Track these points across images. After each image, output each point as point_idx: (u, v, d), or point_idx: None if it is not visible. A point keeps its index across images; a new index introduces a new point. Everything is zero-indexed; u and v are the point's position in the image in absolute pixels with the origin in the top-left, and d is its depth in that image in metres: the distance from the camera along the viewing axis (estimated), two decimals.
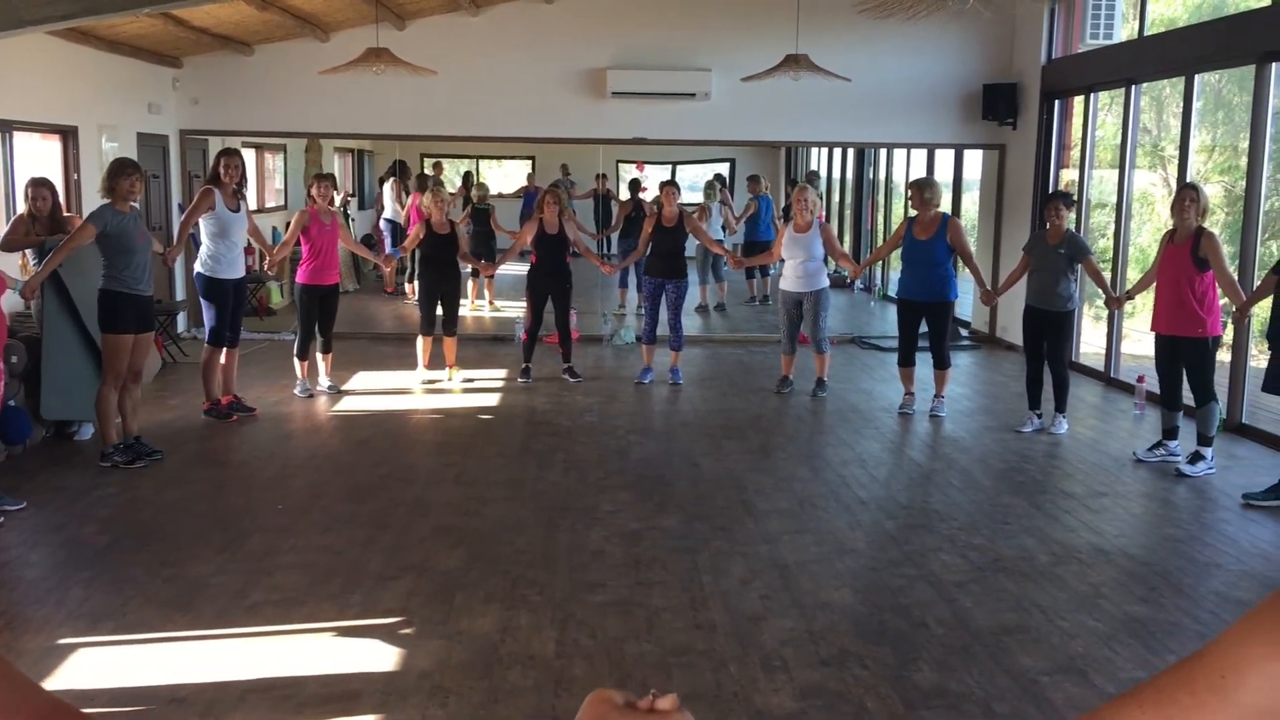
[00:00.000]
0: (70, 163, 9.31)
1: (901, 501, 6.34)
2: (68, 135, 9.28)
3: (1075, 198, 9.41)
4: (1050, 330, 7.77)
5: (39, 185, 7.44)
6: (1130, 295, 7.82)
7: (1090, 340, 10.71)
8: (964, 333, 12.12)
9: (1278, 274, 6.32)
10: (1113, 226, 10.00)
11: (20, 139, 8.67)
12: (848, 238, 17.59)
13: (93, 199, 8.67)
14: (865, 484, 6.64)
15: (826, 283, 9.11)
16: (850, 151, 17.48)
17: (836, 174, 18.60)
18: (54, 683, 3.85)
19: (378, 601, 4.68)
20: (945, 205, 10.16)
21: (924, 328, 8.44)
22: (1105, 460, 7.25)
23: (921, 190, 8.40)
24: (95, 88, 9.62)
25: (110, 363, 6.61)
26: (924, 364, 8.63)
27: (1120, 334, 9.85)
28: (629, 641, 4.31)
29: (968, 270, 8.69)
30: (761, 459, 7.21)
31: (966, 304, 11.78)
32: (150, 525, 5.69)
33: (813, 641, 4.34)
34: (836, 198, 18.48)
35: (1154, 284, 7.10)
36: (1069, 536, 5.69)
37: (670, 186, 9.52)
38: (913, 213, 8.62)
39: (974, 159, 12.85)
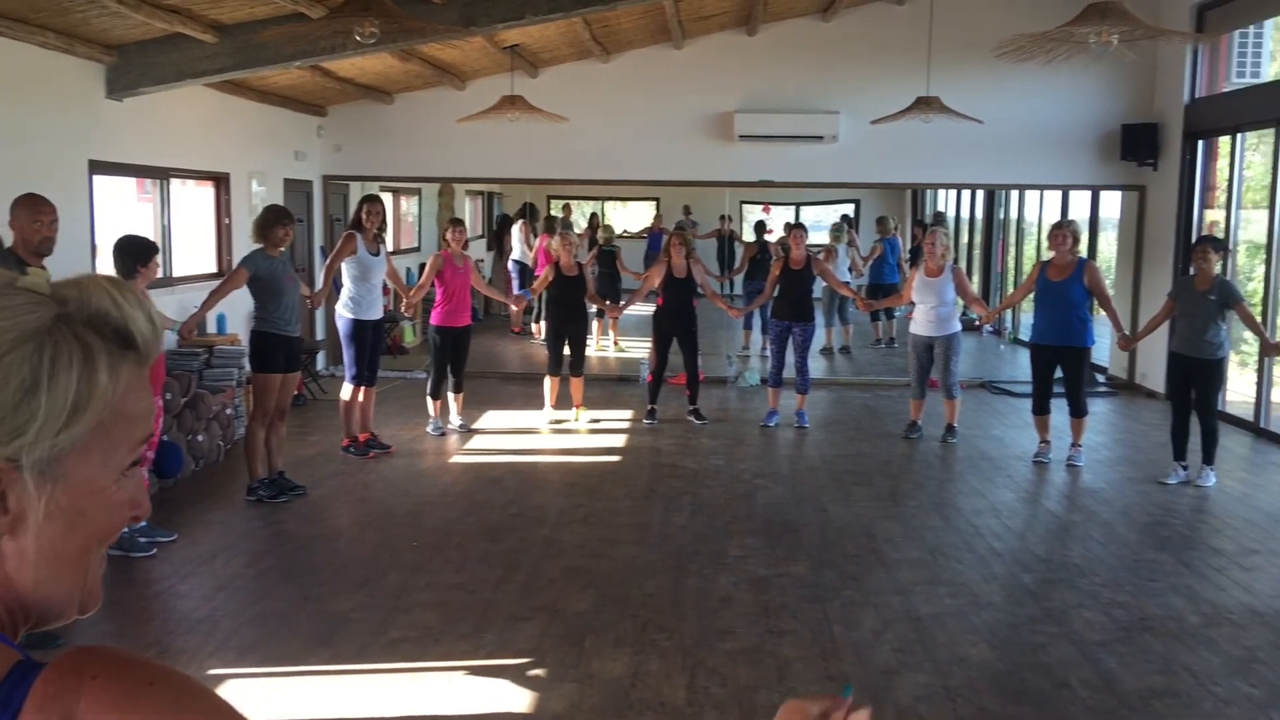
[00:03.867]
0: (222, 207, 9.79)
1: (1039, 554, 6.15)
2: (220, 181, 9.76)
3: (1224, 242, 9.04)
4: (1199, 379, 7.47)
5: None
6: None
7: (1238, 388, 10.24)
8: (1101, 379, 11.74)
9: None
10: (1262, 269, 9.59)
11: (176, 185, 9.15)
12: (977, 279, 17.24)
13: (242, 242, 9.10)
14: (1000, 535, 6.46)
15: (959, 327, 8.96)
16: (980, 192, 17.18)
17: (965, 214, 18.29)
18: None
19: (510, 642, 4.75)
20: (1081, 247, 9.89)
21: (1059, 373, 8.22)
22: (1257, 515, 6.92)
23: (1064, 232, 8.17)
24: (246, 136, 10.11)
25: (259, 401, 6.89)
26: (1059, 410, 8.39)
27: (1270, 381, 9.41)
28: (760, 691, 4.28)
29: (1104, 314, 8.43)
30: (891, 506, 7.09)
31: (1103, 349, 11.42)
32: (293, 560, 5.90)
33: (949, 699, 4.24)
34: (965, 238, 18.16)
35: None
36: (1220, 596, 5.44)
37: (798, 230, 9.50)
38: (1047, 255, 8.42)
39: (1110, 200, 12.50)
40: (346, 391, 8.13)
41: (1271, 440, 9.07)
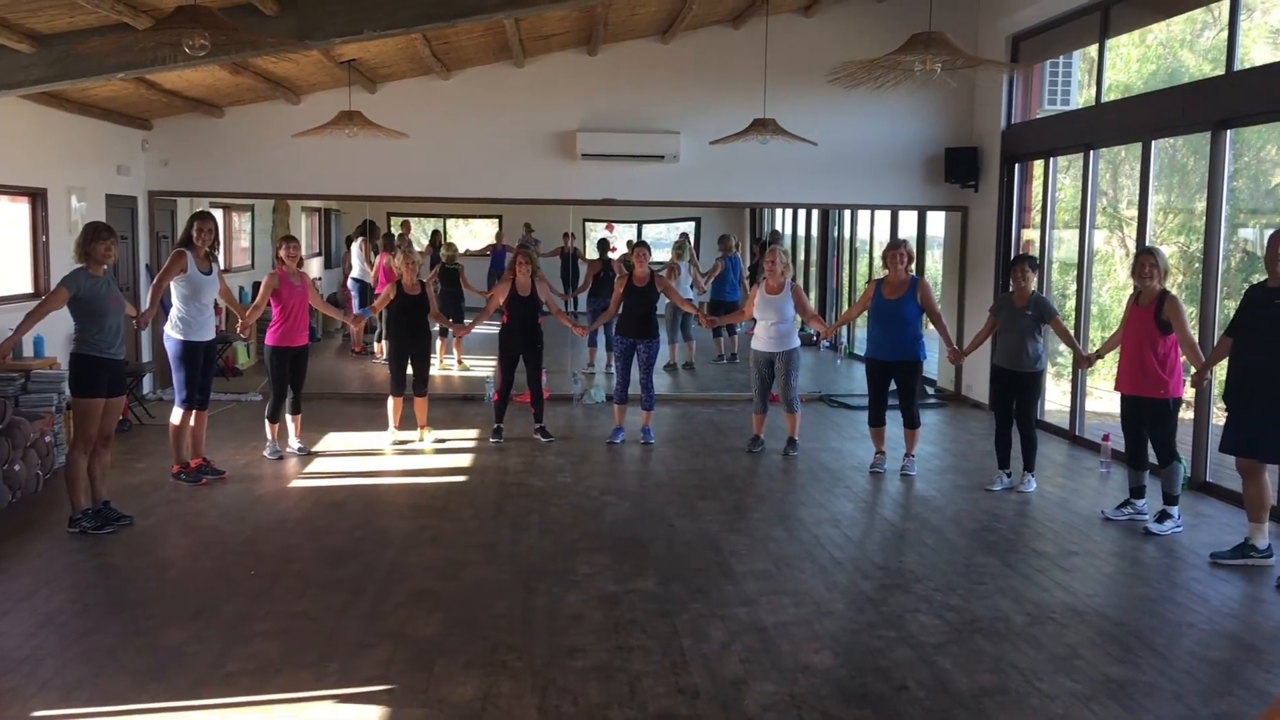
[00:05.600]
0: (39, 225, 9.27)
1: (877, 562, 6.37)
2: (36, 197, 9.24)
3: (1038, 259, 9.58)
4: (1019, 390, 7.90)
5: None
6: (1100, 354, 7.85)
7: (1054, 398, 10.87)
8: (930, 391, 12.26)
9: (1231, 336, 6.41)
10: (1074, 286, 10.20)
11: None
12: (813, 295, 17.77)
13: (61, 260, 8.64)
14: (840, 544, 6.67)
15: (798, 343, 9.22)
16: (815, 211, 17.73)
17: (801, 232, 18.84)
18: None
19: (356, 670, 4.63)
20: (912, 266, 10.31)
21: (893, 386, 8.54)
22: (1074, 519, 7.34)
23: (899, 253, 8.47)
24: (64, 150, 9.61)
25: (81, 427, 6.54)
26: (893, 422, 8.72)
27: (1084, 392, 10.01)
28: (612, 708, 4.29)
29: (934, 330, 8.82)
30: (736, 519, 7.23)
31: (932, 362, 11.93)
32: (121, 592, 5.62)
33: (795, 706, 4.34)
34: (801, 256, 18.70)
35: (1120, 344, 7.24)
36: (1043, 596, 5.75)
37: (641, 247, 9.62)
38: (880, 274, 8.75)
39: (936, 219, 13.09)
40: (176, 415, 7.79)
41: (1086, 447, 9.64)
